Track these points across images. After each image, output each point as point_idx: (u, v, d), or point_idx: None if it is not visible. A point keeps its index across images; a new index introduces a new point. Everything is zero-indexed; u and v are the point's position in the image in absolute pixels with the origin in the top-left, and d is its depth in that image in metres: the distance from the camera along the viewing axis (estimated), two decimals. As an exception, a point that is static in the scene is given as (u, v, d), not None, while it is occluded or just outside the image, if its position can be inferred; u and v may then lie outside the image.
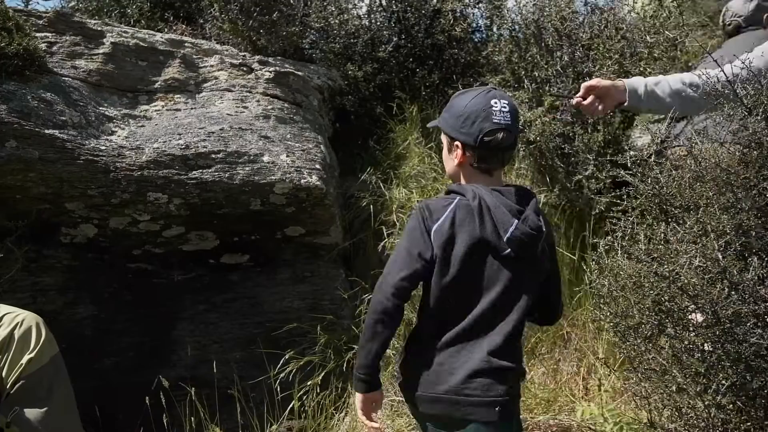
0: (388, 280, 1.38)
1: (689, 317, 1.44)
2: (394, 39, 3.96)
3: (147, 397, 2.14)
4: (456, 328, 1.37)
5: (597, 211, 2.80)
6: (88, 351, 2.49)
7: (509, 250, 1.36)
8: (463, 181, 1.49)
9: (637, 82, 1.91)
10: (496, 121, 1.41)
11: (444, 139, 1.52)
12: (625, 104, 1.90)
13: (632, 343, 1.59)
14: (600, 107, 1.89)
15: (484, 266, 1.39)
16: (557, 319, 1.64)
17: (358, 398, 1.43)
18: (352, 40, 3.86)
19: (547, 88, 3.28)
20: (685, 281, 1.40)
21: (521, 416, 1.53)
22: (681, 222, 1.58)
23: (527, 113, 3.29)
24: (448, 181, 3.31)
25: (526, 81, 3.43)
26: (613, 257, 1.74)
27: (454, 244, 1.38)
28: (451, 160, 1.49)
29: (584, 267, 2.91)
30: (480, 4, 4.39)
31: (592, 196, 2.84)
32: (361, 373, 1.40)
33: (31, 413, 1.50)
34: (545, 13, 3.40)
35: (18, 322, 1.57)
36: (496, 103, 1.44)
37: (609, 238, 1.79)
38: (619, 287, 1.65)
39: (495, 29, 4.34)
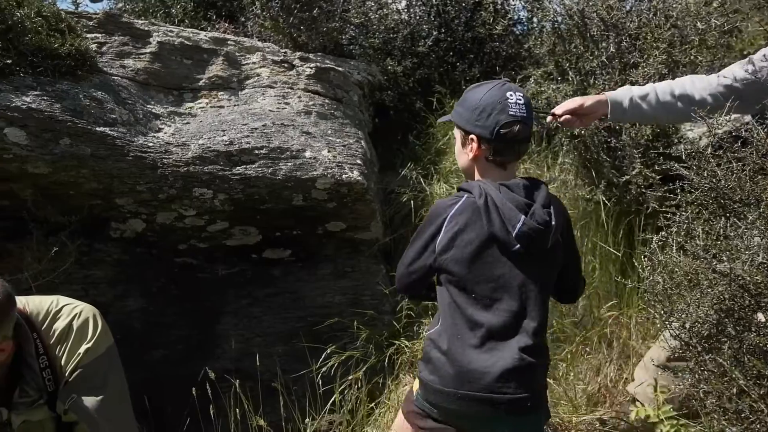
0: (400, 270, 1.48)
1: (752, 317, 1.37)
2: (434, 33, 3.92)
3: (194, 389, 2.18)
4: (483, 327, 1.36)
5: (647, 206, 2.71)
6: (138, 343, 2.56)
7: (518, 245, 1.35)
8: (477, 175, 1.48)
9: (622, 95, 1.81)
10: (512, 113, 1.41)
11: (458, 133, 1.51)
12: (608, 117, 1.81)
13: (688, 343, 1.53)
14: (579, 122, 1.80)
15: (499, 263, 1.38)
16: (578, 298, 1.66)
17: None
18: (391, 35, 3.85)
19: (592, 80, 3.19)
20: (747, 279, 1.34)
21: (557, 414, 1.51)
22: (742, 217, 1.51)
23: (572, 106, 3.20)
24: (489, 176, 3.27)
25: (570, 73, 3.35)
26: (667, 254, 1.67)
27: (463, 243, 1.38)
28: (465, 155, 1.48)
29: (632, 264, 2.82)
30: (521, -4, 4.31)
31: (643, 191, 2.75)
32: None
33: (88, 401, 1.55)
34: (590, 3, 3.30)
35: (76, 314, 1.62)
36: (511, 95, 1.43)
37: (662, 233, 1.72)
38: (674, 285, 1.59)
39: (536, 21, 4.25)
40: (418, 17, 4.12)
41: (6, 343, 1.45)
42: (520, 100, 1.44)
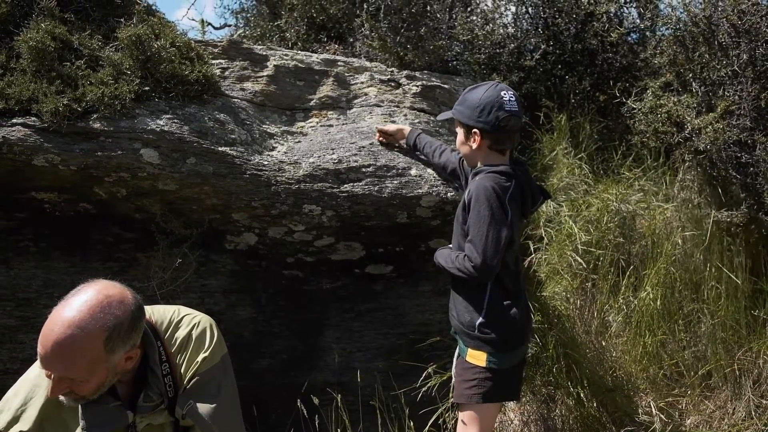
0: (490, 250, 1.75)
1: None
2: (542, 46, 3.80)
3: (299, 400, 2.25)
4: (517, 287, 1.89)
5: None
6: (246, 351, 2.70)
7: (525, 219, 1.84)
8: (479, 162, 1.85)
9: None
10: (507, 109, 1.75)
11: (460, 128, 1.88)
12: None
13: None
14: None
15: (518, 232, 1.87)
16: None
17: None
18: (497, 50, 3.79)
19: (721, 91, 2.94)
20: None
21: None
22: None
23: (695, 120, 2.97)
24: (602, 195, 3.10)
25: (694, 84, 3.11)
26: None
27: (516, 219, 1.78)
28: (468, 146, 1.86)
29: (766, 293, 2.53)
30: (636, 3, 4.07)
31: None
32: None
33: (203, 408, 1.63)
34: (719, 8, 3.05)
35: (195, 323, 1.71)
36: (505, 94, 1.76)
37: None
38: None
39: (655, 29, 3.99)
40: (525, 30, 4.03)
41: (135, 350, 1.55)
42: (512, 98, 1.77)
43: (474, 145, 1.82)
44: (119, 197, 2.47)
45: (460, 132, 1.89)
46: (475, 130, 1.79)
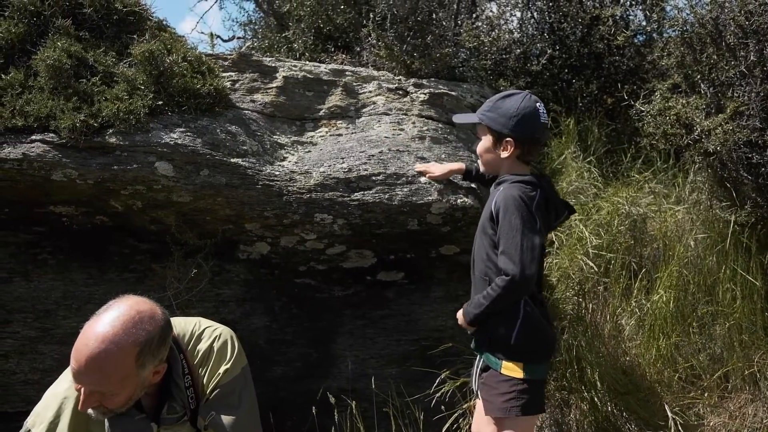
0: (526, 257, 1.71)
1: None
2: (548, 51, 3.82)
3: (313, 407, 2.27)
4: (542, 295, 1.88)
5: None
6: (261, 359, 2.72)
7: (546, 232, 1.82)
8: (502, 171, 1.85)
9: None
10: (543, 121, 1.77)
11: (487, 134, 1.86)
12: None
13: None
14: None
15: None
16: None
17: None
18: (503, 56, 3.81)
19: (729, 92, 2.94)
20: None
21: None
22: None
23: (704, 121, 2.96)
24: (612, 198, 3.10)
25: (702, 85, 3.11)
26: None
27: (544, 228, 1.78)
28: (495, 153, 1.84)
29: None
30: (642, 5, 4.08)
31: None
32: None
33: (224, 418, 1.66)
34: (725, 9, 3.05)
35: (216, 336, 1.74)
36: (539, 105, 1.78)
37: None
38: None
39: (661, 31, 3.99)
40: (530, 35, 4.05)
41: (162, 365, 1.58)
42: (544, 110, 1.78)
43: (504, 154, 1.81)
44: (135, 209, 2.52)
45: (486, 138, 1.88)
46: (509, 138, 1.79)
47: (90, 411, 1.50)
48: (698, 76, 3.15)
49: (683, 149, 3.11)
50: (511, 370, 1.76)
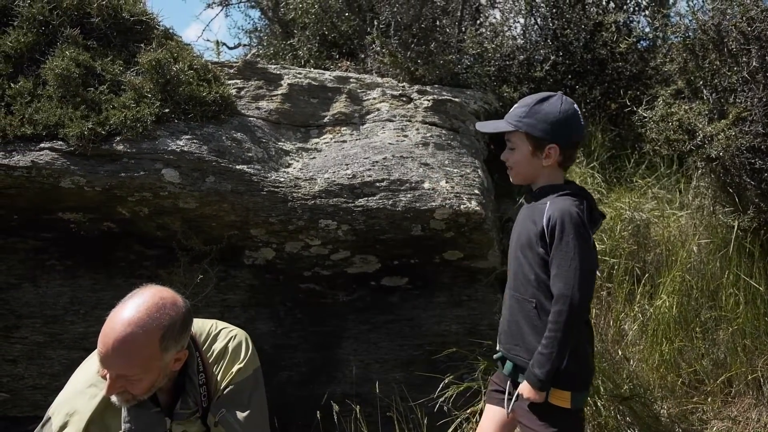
0: (585, 276, 1.55)
1: None
2: (551, 57, 3.85)
3: (318, 412, 2.29)
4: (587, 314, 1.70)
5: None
6: (266, 364, 2.73)
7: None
8: (541, 180, 1.70)
9: None
10: (582, 124, 1.68)
11: (525, 142, 1.68)
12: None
13: None
14: None
15: None
16: None
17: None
18: (507, 62, 3.84)
19: (732, 98, 2.95)
20: None
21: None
22: None
23: (707, 127, 2.98)
24: (615, 203, 3.11)
25: (705, 91, 3.12)
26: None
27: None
28: (535, 161, 1.68)
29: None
30: (645, 12, 4.10)
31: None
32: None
33: (234, 416, 1.70)
34: (727, 15, 3.07)
35: (232, 336, 1.80)
36: (577, 108, 1.68)
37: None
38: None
39: (664, 37, 4.01)
40: (534, 42, 4.07)
41: (183, 352, 1.63)
42: (580, 113, 1.68)
43: (547, 162, 1.66)
44: (141, 216, 2.55)
45: (523, 146, 1.69)
46: (552, 145, 1.64)
47: (114, 398, 1.55)
48: (701, 82, 3.16)
49: (686, 155, 3.12)
50: (560, 399, 1.61)
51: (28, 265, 2.68)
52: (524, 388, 1.63)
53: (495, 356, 1.86)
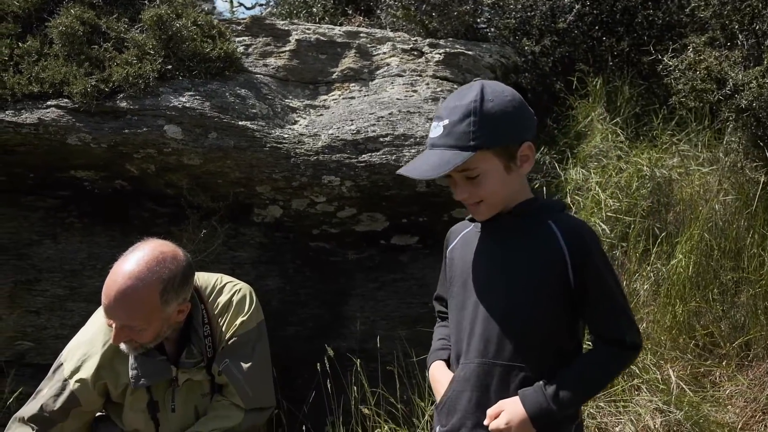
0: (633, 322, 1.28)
1: None
2: (576, 6, 3.63)
3: (318, 365, 2.32)
4: None
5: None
6: (274, 320, 2.78)
7: None
8: (518, 194, 1.30)
9: None
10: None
11: (493, 158, 1.23)
12: None
13: None
14: None
15: None
16: None
17: None
18: (528, 14, 3.65)
19: None
20: None
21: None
22: None
23: (739, 75, 2.77)
24: (633, 159, 2.95)
25: (740, 36, 2.90)
26: None
27: None
28: (513, 175, 1.26)
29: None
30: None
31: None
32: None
33: (237, 367, 1.77)
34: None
35: (237, 290, 1.86)
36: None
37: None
38: None
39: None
40: (559, -10, 3.85)
41: (186, 304, 1.69)
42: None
43: (528, 166, 1.28)
44: (149, 173, 2.59)
45: (491, 167, 1.24)
46: (529, 143, 1.26)
47: (122, 345, 1.64)
48: (737, 26, 2.93)
49: (715, 106, 2.93)
50: None
51: (48, 222, 2.79)
52: (513, 415, 1.21)
53: None
